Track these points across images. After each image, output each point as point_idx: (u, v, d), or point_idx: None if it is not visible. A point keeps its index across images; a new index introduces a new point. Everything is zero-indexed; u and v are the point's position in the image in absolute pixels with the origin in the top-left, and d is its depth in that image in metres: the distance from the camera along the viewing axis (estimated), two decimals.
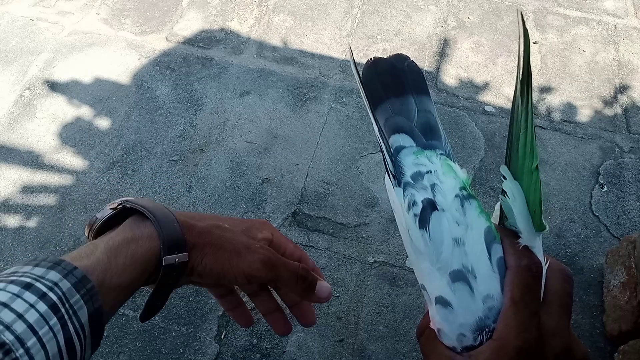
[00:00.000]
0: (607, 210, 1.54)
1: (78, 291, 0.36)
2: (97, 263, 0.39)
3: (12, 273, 0.36)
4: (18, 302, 0.33)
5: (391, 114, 0.44)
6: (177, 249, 0.42)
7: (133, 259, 0.41)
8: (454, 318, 0.37)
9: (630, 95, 1.81)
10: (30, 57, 1.86)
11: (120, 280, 0.40)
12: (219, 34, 1.95)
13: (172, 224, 0.43)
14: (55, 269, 0.37)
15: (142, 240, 0.42)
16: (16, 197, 1.55)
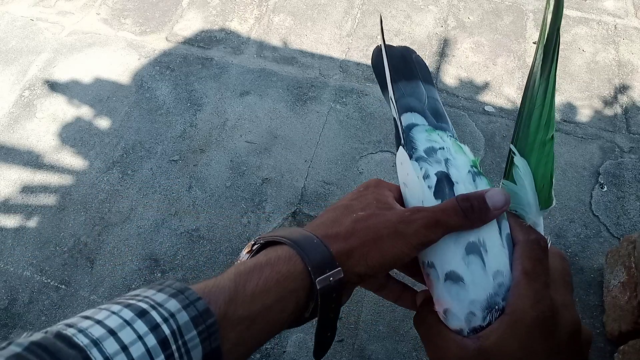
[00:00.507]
0: (607, 210, 1.54)
1: (196, 326, 0.31)
2: (220, 292, 0.34)
3: (134, 295, 0.33)
4: (126, 331, 0.30)
5: (403, 94, 0.47)
6: (327, 267, 0.36)
7: (266, 285, 0.35)
8: (465, 295, 0.37)
9: (630, 95, 1.81)
10: (30, 57, 1.86)
11: (247, 312, 0.34)
12: (219, 34, 1.95)
13: (312, 241, 0.37)
14: (177, 298, 0.32)
15: (278, 263, 0.36)
16: (16, 197, 1.55)
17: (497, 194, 0.39)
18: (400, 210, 0.39)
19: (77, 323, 0.30)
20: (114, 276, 1.41)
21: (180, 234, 1.48)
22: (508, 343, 0.34)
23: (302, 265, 0.36)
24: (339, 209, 0.41)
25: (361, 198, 0.42)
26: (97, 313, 0.31)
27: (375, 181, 0.44)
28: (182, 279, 1.40)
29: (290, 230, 0.38)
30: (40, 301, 1.36)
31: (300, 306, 0.36)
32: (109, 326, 0.29)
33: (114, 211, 1.52)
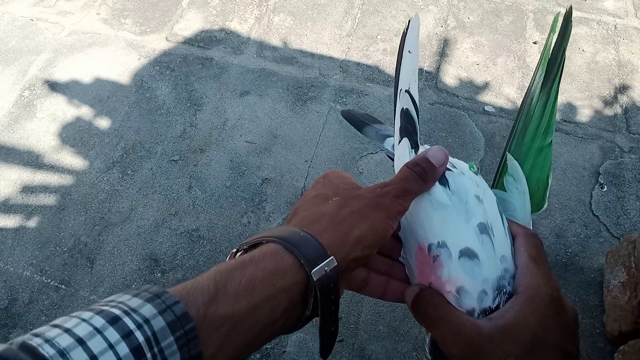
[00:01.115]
0: (607, 210, 1.54)
1: (173, 332, 0.29)
2: (199, 292, 0.31)
3: (109, 302, 0.31)
4: (96, 339, 0.27)
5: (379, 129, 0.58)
6: (320, 258, 0.34)
7: (251, 283, 0.32)
8: (479, 271, 0.38)
9: (630, 95, 1.81)
10: (30, 57, 1.86)
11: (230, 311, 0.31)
12: (219, 34, 1.95)
13: (299, 235, 0.35)
14: (153, 302, 0.30)
15: (263, 260, 0.34)
16: (16, 197, 1.55)
17: (437, 152, 0.42)
18: (371, 188, 0.40)
19: (45, 332, 0.28)
20: (114, 276, 1.41)
21: (180, 234, 1.48)
22: (526, 319, 0.35)
23: (292, 259, 0.34)
24: (311, 201, 0.40)
25: (327, 185, 0.42)
26: (66, 321, 0.29)
27: (331, 171, 0.45)
28: (182, 279, 1.40)
29: (273, 229, 0.37)
30: (40, 301, 1.36)
31: (294, 303, 0.35)
32: (78, 335, 0.27)
33: (114, 211, 1.52)
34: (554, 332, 0.35)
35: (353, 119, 0.62)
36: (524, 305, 0.36)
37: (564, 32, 0.41)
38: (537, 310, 0.35)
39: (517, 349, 0.34)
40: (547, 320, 0.35)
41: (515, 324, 0.35)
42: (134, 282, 1.40)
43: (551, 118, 0.43)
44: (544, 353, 0.34)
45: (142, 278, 1.40)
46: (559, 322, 0.36)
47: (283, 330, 0.36)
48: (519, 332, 0.35)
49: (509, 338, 0.35)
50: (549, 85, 0.42)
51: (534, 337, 0.34)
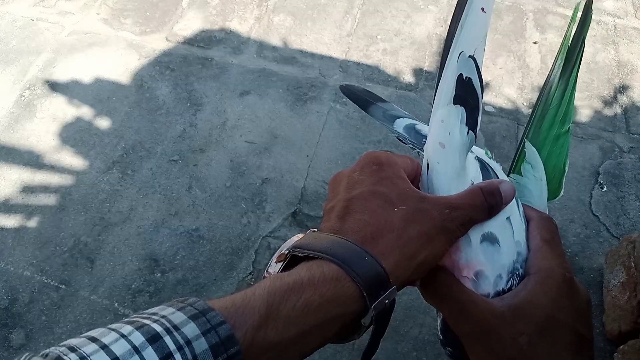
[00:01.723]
0: (607, 210, 1.54)
1: (215, 356, 0.27)
2: (250, 313, 0.29)
3: (151, 314, 0.29)
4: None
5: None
6: (382, 288, 0.31)
7: (306, 308, 0.30)
8: (498, 257, 0.37)
9: (630, 95, 1.81)
10: (30, 57, 1.86)
11: (279, 338, 0.29)
12: (219, 34, 1.95)
13: (362, 259, 0.32)
14: (197, 320, 0.28)
15: (323, 285, 0.31)
16: (16, 197, 1.55)
17: (510, 189, 0.39)
18: (438, 203, 0.36)
19: (82, 347, 0.26)
20: (114, 276, 1.41)
21: (180, 234, 1.48)
22: (539, 299, 0.35)
23: (353, 288, 0.31)
24: (372, 201, 0.35)
25: (387, 183, 0.37)
26: (105, 334, 0.27)
27: (385, 156, 0.39)
28: (182, 279, 1.40)
29: (331, 241, 0.33)
30: (41, 301, 1.36)
31: (345, 328, 0.33)
32: (115, 354, 0.26)
33: (114, 211, 1.52)
34: (567, 312, 0.35)
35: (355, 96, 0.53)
36: (536, 285, 0.35)
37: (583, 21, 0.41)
38: (549, 291, 0.35)
39: (530, 328, 0.34)
40: (560, 300, 0.35)
41: (527, 304, 0.34)
42: (133, 282, 1.40)
43: (569, 106, 0.42)
44: (556, 333, 0.34)
45: (142, 278, 1.41)
46: (572, 304, 0.35)
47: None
48: (532, 312, 0.34)
49: (521, 317, 0.34)
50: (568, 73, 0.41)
51: (547, 317, 0.34)
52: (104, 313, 1.35)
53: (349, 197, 0.37)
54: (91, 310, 1.35)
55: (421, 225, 0.34)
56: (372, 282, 0.31)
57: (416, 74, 1.85)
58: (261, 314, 0.29)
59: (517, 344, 0.34)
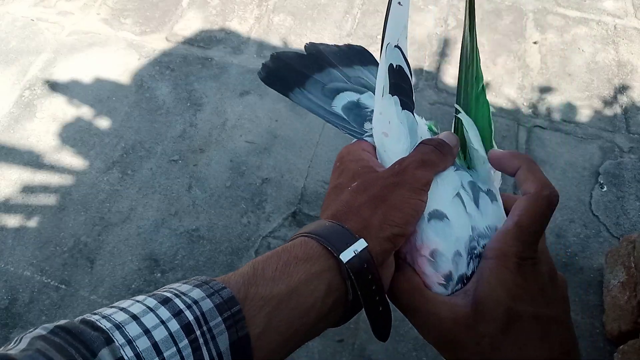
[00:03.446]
0: (607, 210, 1.54)
1: (221, 313, 0.31)
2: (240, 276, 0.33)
3: (162, 288, 0.33)
4: (149, 316, 0.30)
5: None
6: (348, 241, 0.34)
7: (286, 268, 0.34)
8: (450, 231, 0.37)
9: (630, 95, 1.81)
10: (30, 57, 1.86)
11: (269, 292, 0.32)
12: (219, 34, 1.95)
13: (324, 225, 0.36)
14: (201, 287, 0.32)
15: (293, 249, 0.35)
16: (16, 197, 1.55)
17: (450, 135, 0.42)
18: (388, 168, 0.39)
19: (102, 311, 0.30)
20: (114, 276, 1.41)
21: (180, 234, 1.48)
22: (496, 291, 0.34)
23: (320, 247, 0.35)
24: (332, 194, 0.40)
25: (344, 172, 0.41)
26: (122, 303, 0.31)
27: (346, 149, 0.43)
28: (181, 279, 1.40)
29: (304, 227, 0.38)
30: (41, 301, 1.36)
31: (334, 289, 0.35)
32: (132, 312, 0.30)
33: (114, 211, 1.52)
34: (525, 300, 0.34)
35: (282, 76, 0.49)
36: (491, 275, 0.34)
37: None
38: (504, 281, 0.34)
39: (491, 329, 0.33)
40: (516, 289, 0.34)
41: (486, 299, 0.34)
42: (133, 282, 1.40)
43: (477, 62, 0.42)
44: (518, 326, 0.33)
45: (142, 278, 1.41)
46: (531, 288, 0.34)
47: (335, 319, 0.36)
48: (491, 309, 0.34)
49: (481, 317, 0.34)
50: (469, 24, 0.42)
51: (507, 312, 0.33)
52: None
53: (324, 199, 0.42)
54: (91, 310, 1.35)
55: (370, 190, 0.38)
56: (335, 238, 0.34)
57: (416, 74, 1.85)
58: (249, 275, 0.33)
59: (481, 349, 0.34)
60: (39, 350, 0.27)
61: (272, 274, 0.33)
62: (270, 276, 0.33)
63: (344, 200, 0.38)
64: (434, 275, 0.37)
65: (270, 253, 0.35)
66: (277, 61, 0.50)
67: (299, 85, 0.48)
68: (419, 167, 0.38)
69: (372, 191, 0.37)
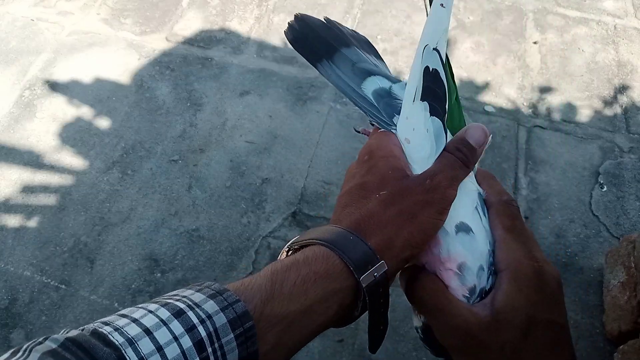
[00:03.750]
0: (607, 210, 1.54)
1: (233, 330, 0.30)
2: (257, 290, 0.32)
3: (172, 295, 0.32)
4: (162, 331, 0.29)
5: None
6: (370, 263, 0.34)
7: (304, 284, 0.33)
8: (476, 245, 0.37)
9: (630, 95, 1.81)
10: (30, 57, 1.86)
11: (285, 311, 0.32)
12: (219, 33, 1.95)
13: (348, 239, 0.35)
14: (215, 299, 0.31)
15: (315, 262, 0.34)
16: (16, 197, 1.55)
17: (476, 131, 0.40)
18: (419, 179, 0.38)
19: (114, 321, 0.30)
20: (114, 276, 1.41)
21: (180, 234, 1.48)
22: (515, 301, 0.35)
23: (341, 264, 0.34)
24: (357, 193, 0.38)
25: (373, 170, 0.39)
26: (134, 312, 0.30)
27: (376, 141, 0.41)
28: (182, 279, 1.40)
29: (322, 229, 0.36)
30: (41, 301, 1.36)
31: (345, 306, 0.35)
32: (145, 325, 0.29)
33: (114, 211, 1.52)
34: (542, 306, 0.35)
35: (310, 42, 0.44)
36: (510, 285, 0.35)
37: None
38: (523, 288, 0.35)
39: (514, 335, 0.34)
40: (534, 295, 0.35)
41: (507, 308, 0.34)
42: (134, 282, 1.40)
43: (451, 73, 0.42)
44: (537, 332, 0.35)
45: (142, 278, 1.41)
46: (545, 295, 0.35)
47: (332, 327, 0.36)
48: (513, 317, 0.34)
49: (504, 324, 0.34)
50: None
51: (527, 319, 0.34)
52: (104, 313, 1.35)
53: (345, 191, 0.39)
54: (91, 310, 1.35)
55: (400, 205, 0.36)
56: (358, 257, 0.34)
57: None
58: (267, 290, 0.32)
59: (504, 353, 0.34)
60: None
61: (290, 289, 0.32)
62: (288, 292, 0.32)
63: (370, 209, 0.36)
64: (460, 288, 0.36)
65: (290, 263, 0.34)
66: (303, 24, 0.46)
67: (327, 58, 0.46)
68: (450, 186, 0.37)
69: (401, 206, 0.36)
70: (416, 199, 0.36)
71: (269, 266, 0.34)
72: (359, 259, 0.34)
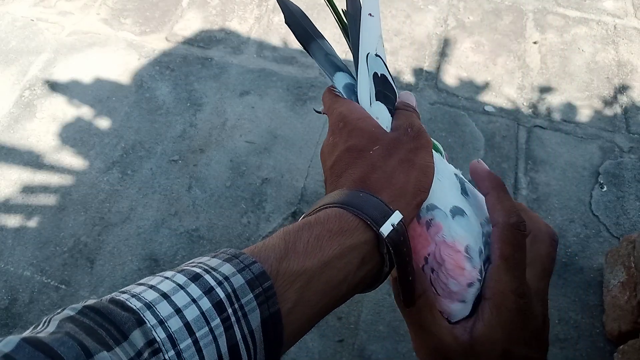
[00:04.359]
0: (607, 210, 1.54)
1: (252, 290, 0.30)
2: (271, 250, 0.32)
3: (189, 263, 0.32)
4: (180, 294, 0.28)
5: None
6: (386, 214, 0.33)
7: (319, 242, 0.32)
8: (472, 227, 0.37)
9: (630, 95, 1.81)
10: (30, 57, 1.86)
11: (302, 267, 0.31)
12: (219, 34, 1.95)
13: (358, 196, 0.34)
14: (231, 262, 0.31)
15: (328, 222, 0.33)
16: (16, 197, 1.55)
17: (407, 95, 0.43)
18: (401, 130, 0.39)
19: (131, 289, 0.30)
20: (114, 276, 1.41)
21: (180, 234, 1.48)
22: (496, 332, 0.35)
23: (356, 221, 0.33)
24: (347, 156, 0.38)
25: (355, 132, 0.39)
26: (150, 280, 0.30)
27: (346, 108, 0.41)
28: None
29: (329, 196, 0.36)
30: (41, 301, 1.36)
31: (367, 261, 0.34)
32: (162, 290, 0.29)
33: (114, 211, 1.52)
34: (521, 343, 0.35)
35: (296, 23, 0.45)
36: (492, 316, 0.35)
37: None
38: (504, 323, 0.35)
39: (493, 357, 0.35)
40: (514, 332, 0.35)
41: (484, 338, 0.35)
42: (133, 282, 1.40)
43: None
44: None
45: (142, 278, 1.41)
46: (526, 332, 0.35)
47: (363, 287, 0.36)
48: (489, 349, 0.35)
49: (481, 354, 0.35)
50: None
51: (503, 353, 0.35)
52: None
53: (332, 163, 0.39)
54: None
55: (398, 154, 0.37)
56: (373, 211, 0.33)
57: (416, 74, 1.85)
58: (281, 249, 0.32)
59: None
60: (68, 333, 0.26)
61: (304, 247, 0.32)
62: (302, 250, 0.32)
63: (370, 164, 0.37)
64: (473, 271, 0.36)
65: (301, 224, 0.34)
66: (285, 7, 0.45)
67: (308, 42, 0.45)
68: (425, 131, 0.39)
69: (399, 155, 0.37)
70: (409, 147, 0.37)
71: (281, 229, 0.34)
72: (373, 212, 0.33)
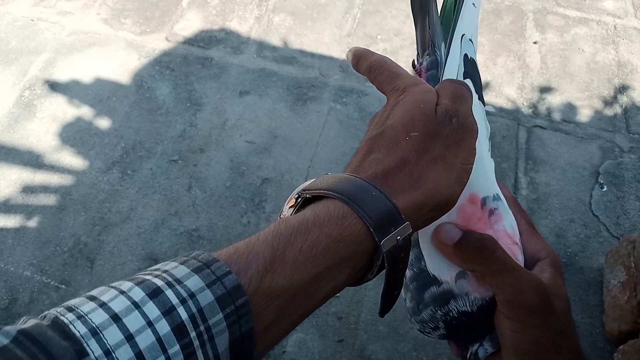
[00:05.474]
0: (607, 210, 1.54)
1: (222, 308, 0.25)
2: (254, 258, 0.27)
3: (153, 270, 0.27)
4: (133, 316, 0.24)
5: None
6: (393, 224, 0.29)
7: (313, 251, 0.28)
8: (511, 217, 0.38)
9: (630, 95, 1.81)
10: (30, 57, 1.86)
11: (288, 283, 0.27)
12: (219, 33, 1.95)
13: (370, 194, 0.29)
14: (201, 273, 0.26)
15: (328, 224, 0.29)
16: (16, 197, 1.55)
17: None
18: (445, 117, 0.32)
19: (80, 306, 0.25)
20: (114, 276, 1.41)
21: (180, 234, 1.48)
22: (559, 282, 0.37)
23: (360, 225, 0.29)
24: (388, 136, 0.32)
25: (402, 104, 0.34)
26: (104, 293, 0.26)
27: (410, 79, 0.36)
28: None
29: (340, 178, 0.31)
30: (41, 301, 1.36)
31: (357, 270, 0.30)
32: (114, 310, 0.25)
33: (114, 211, 1.52)
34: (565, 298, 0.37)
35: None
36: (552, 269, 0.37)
37: None
38: (560, 276, 0.37)
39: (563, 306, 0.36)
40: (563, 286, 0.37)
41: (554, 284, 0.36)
42: None
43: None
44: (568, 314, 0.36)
45: None
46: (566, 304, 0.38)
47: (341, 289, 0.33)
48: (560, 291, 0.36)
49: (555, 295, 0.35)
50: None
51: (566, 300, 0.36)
52: None
53: (371, 136, 0.34)
54: None
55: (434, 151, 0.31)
56: (380, 217, 0.28)
57: None
58: (266, 259, 0.27)
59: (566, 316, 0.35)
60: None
61: (295, 257, 0.27)
62: (292, 261, 0.27)
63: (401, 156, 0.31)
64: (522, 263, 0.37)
65: (296, 223, 0.29)
66: None
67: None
68: (471, 116, 0.33)
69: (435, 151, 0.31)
70: (447, 142, 0.31)
71: (270, 226, 0.29)
72: (380, 218, 0.28)
